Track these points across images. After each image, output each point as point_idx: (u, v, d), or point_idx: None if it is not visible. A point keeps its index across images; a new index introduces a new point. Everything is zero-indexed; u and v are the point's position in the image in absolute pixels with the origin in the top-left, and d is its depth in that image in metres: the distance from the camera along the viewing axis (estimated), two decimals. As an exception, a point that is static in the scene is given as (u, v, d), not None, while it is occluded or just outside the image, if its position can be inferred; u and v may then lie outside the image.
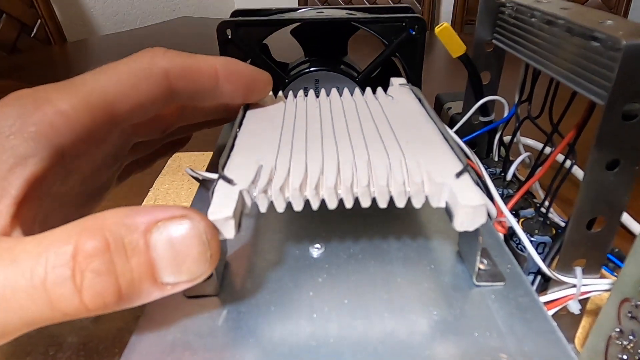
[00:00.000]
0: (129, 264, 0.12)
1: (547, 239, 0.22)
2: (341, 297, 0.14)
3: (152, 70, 0.16)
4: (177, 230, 0.12)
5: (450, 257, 0.16)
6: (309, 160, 0.15)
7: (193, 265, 0.12)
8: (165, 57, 0.16)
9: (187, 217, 0.12)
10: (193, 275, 0.12)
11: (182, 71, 0.17)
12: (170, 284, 0.12)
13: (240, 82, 0.19)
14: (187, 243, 0.12)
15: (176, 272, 0.12)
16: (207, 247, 0.12)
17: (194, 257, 0.12)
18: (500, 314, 0.13)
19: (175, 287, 0.12)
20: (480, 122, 0.29)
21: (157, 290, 0.12)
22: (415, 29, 0.27)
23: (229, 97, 0.19)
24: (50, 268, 0.11)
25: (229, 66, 0.18)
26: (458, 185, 0.13)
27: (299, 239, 0.17)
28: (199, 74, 0.17)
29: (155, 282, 0.12)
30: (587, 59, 0.17)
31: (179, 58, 0.17)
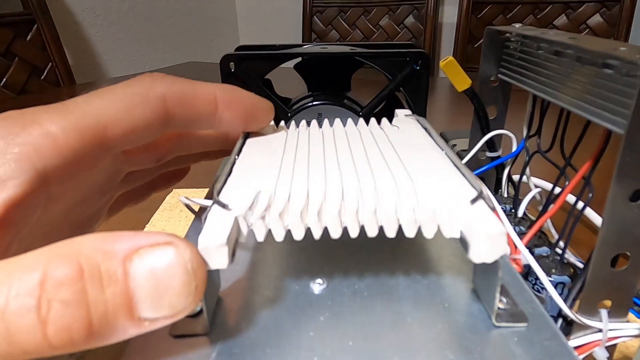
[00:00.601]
0: (103, 295, 0.10)
1: (566, 278, 0.20)
2: (345, 339, 0.13)
3: (148, 95, 0.15)
4: (159, 259, 0.11)
5: (464, 295, 0.14)
6: (310, 186, 0.14)
7: (175, 298, 0.11)
8: (163, 82, 0.16)
9: (171, 245, 0.11)
10: (174, 309, 0.11)
11: (180, 97, 0.16)
12: (148, 319, 0.11)
13: (240, 109, 0.18)
14: (169, 273, 0.11)
15: (156, 305, 0.11)
16: (192, 277, 0.11)
17: (176, 288, 0.11)
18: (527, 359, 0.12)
19: (154, 324, 0.11)
20: (487, 157, 0.28)
21: (132, 327, 0.11)
22: (419, 63, 0.27)
23: (228, 125, 0.18)
24: (13, 296, 0.10)
25: (229, 93, 0.18)
26: (474, 212, 0.12)
27: (299, 273, 0.16)
28: (197, 100, 0.17)
29: (131, 316, 0.11)
30: (600, 87, 0.17)
31: (177, 84, 0.16)
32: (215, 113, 0.17)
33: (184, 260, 0.11)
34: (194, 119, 0.17)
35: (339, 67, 0.30)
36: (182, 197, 0.17)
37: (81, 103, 0.14)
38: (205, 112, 0.17)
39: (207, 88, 0.17)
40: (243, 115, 0.18)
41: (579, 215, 0.20)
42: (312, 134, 0.19)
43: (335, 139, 0.18)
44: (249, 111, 0.18)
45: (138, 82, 0.16)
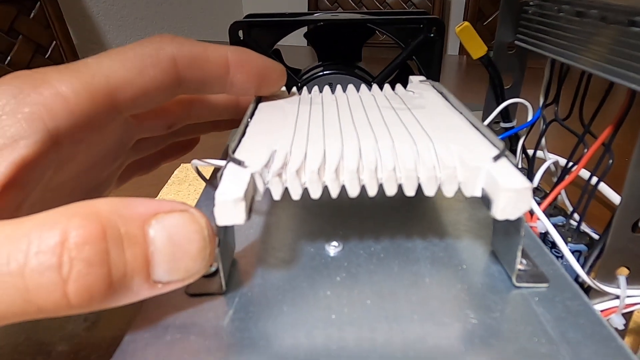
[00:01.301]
0: (123, 256, 0.10)
1: (583, 246, 0.20)
2: (363, 298, 0.12)
3: (159, 56, 0.15)
4: (177, 224, 0.11)
5: (483, 257, 0.14)
6: (327, 145, 0.14)
7: (191, 263, 0.11)
8: (173, 43, 0.16)
9: (187, 211, 0.11)
10: (188, 274, 0.11)
11: (191, 58, 0.16)
12: (162, 282, 0.11)
13: (252, 72, 0.18)
14: (188, 238, 0.11)
15: (172, 268, 0.11)
16: (208, 243, 0.11)
17: (193, 253, 0.11)
18: (548, 319, 0.12)
19: (167, 287, 0.11)
20: (501, 128, 0.28)
21: (147, 289, 0.11)
22: (434, 30, 0.27)
23: (240, 89, 0.18)
24: (33, 254, 0.10)
25: (241, 55, 0.17)
26: (497, 169, 0.12)
27: (314, 236, 0.15)
28: (208, 61, 0.16)
29: (147, 278, 0.11)
30: (626, 46, 0.16)
31: (188, 45, 0.16)
32: (227, 75, 0.17)
33: (200, 226, 0.11)
34: (205, 81, 0.17)
35: (350, 36, 0.30)
36: (194, 160, 0.17)
37: (91, 64, 0.14)
38: (217, 73, 0.17)
39: (218, 50, 0.17)
40: (255, 78, 0.18)
41: (597, 183, 0.19)
42: (326, 97, 0.19)
43: (349, 101, 0.18)
44: (261, 73, 0.18)
45: (148, 43, 0.15)
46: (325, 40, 0.30)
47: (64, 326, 0.19)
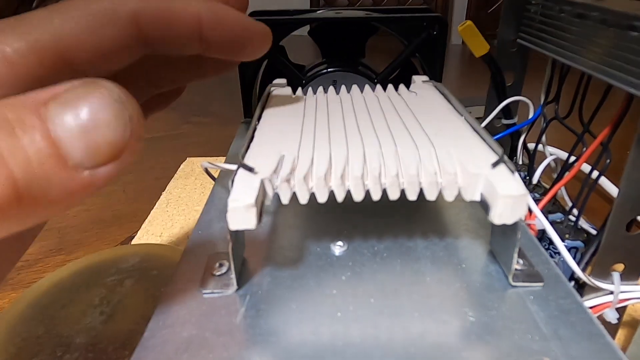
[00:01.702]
0: (19, 143, 0.09)
1: (580, 243, 0.21)
2: (367, 296, 0.13)
3: (116, 12, 0.13)
4: (79, 95, 0.10)
5: (481, 257, 0.15)
6: (333, 150, 0.14)
7: (110, 133, 0.10)
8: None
9: (91, 82, 0.10)
10: (114, 147, 0.10)
11: (155, 16, 0.14)
12: (86, 167, 0.10)
13: (229, 32, 0.15)
14: (95, 106, 0.09)
15: (90, 146, 0.09)
16: (124, 105, 0.10)
17: (108, 120, 0.09)
18: (541, 316, 0.12)
19: (97, 173, 0.10)
20: (502, 125, 0.28)
21: (71, 178, 0.10)
22: (436, 28, 0.27)
23: (217, 51, 0.15)
24: None
25: (216, 12, 0.15)
26: (495, 176, 0.12)
27: (320, 236, 0.16)
28: (176, 19, 0.14)
29: (64, 165, 0.09)
30: (624, 50, 0.16)
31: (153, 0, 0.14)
32: (199, 36, 0.15)
33: (108, 90, 0.10)
34: (173, 42, 0.14)
35: (353, 33, 0.30)
36: (204, 162, 0.17)
37: (39, 20, 0.12)
38: (187, 34, 0.14)
39: (189, 5, 0.14)
40: (234, 39, 0.15)
41: (596, 181, 0.20)
42: (330, 99, 0.19)
43: (353, 104, 0.18)
44: (241, 35, 0.15)
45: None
46: (329, 37, 0.30)
47: (82, 319, 0.20)
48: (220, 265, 0.14)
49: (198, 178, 0.39)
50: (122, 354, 0.18)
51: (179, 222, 0.32)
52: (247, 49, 0.16)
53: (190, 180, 0.39)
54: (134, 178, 0.42)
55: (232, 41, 0.15)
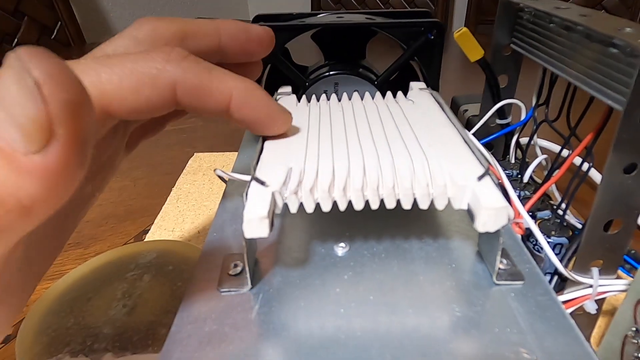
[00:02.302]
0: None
1: (564, 240, 0.22)
2: (367, 294, 0.15)
3: (159, 78, 0.14)
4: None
5: (470, 257, 0.17)
6: (335, 162, 0.16)
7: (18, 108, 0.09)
8: (178, 67, 0.14)
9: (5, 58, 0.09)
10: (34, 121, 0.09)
11: (192, 87, 0.15)
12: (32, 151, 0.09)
13: (251, 115, 0.16)
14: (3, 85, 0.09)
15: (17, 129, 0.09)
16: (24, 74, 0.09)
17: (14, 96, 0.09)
18: (520, 312, 0.14)
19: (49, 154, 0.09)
20: (497, 124, 0.29)
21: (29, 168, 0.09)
22: (434, 33, 0.28)
23: (237, 123, 0.17)
24: None
25: (246, 97, 0.16)
26: (480, 188, 0.14)
27: (324, 237, 0.18)
28: (210, 95, 0.15)
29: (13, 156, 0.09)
30: (605, 65, 0.18)
31: (193, 72, 0.15)
32: (227, 113, 0.16)
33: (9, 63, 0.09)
34: (203, 109, 0.16)
35: (354, 36, 0.31)
36: (218, 170, 0.19)
37: (89, 71, 0.13)
38: (216, 106, 0.16)
39: (224, 83, 0.15)
40: (253, 121, 0.17)
41: (580, 182, 0.21)
42: (333, 109, 0.21)
43: (354, 114, 0.20)
44: (261, 119, 0.17)
45: (153, 56, 0.14)
46: (331, 41, 0.31)
47: (107, 312, 0.21)
48: (235, 265, 0.16)
49: (206, 174, 0.40)
50: (146, 343, 0.20)
51: (190, 217, 0.34)
52: (267, 129, 0.17)
53: (198, 175, 0.40)
54: (143, 173, 0.44)
55: (253, 121, 0.17)
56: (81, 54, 0.16)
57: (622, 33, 0.17)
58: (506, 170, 0.29)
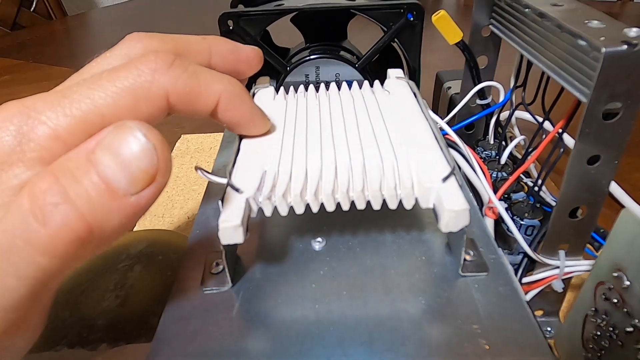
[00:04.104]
0: (82, 186, 0.12)
1: (536, 222, 0.23)
2: (340, 289, 0.16)
3: (151, 90, 0.14)
4: (114, 138, 0.12)
5: (440, 249, 0.17)
6: (309, 165, 0.16)
7: (141, 162, 0.12)
8: (167, 76, 0.15)
9: (120, 125, 0.12)
10: (147, 174, 0.12)
11: (183, 93, 0.15)
12: (132, 193, 0.12)
13: (237, 115, 0.17)
14: (123, 143, 0.12)
15: (130, 177, 0.12)
16: (146, 138, 0.12)
17: (138, 154, 0.12)
18: (482, 303, 0.15)
19: (141, 196, 0.12)
20: (477, 105, 0.30)
21: (122, 205, 0.12)
22: (414, 15, 0.28)
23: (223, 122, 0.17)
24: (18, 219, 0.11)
25: (232, 98, 0.17)
26: (444, 189, 0.15)
27: (302, 232, 0.19)
28: (199, 98, 0.16)
29: (115, 195, 0.12)
30: (574, 56, 0.18)
31: (182, 79, 0.15)
32: (215, 112, 0.17)
33: (134, 130, 0.12)
34: (193, 112, 0.16)
35: (334, 18, 0.31)
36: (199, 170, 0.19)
37: (85, 100, 0.14)
38: (205, 108, 0.16)
39: (212, 85, 0.16)
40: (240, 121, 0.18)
41: (550, 169, 0.22)
42: (310, 106, 0.21)
43: (330, 111, 0.20)
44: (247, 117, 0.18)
45: (141, 71, 0.14)
46: (311, 24, 0.31)
47: (101, 303, 0.22)
48: (217, 264, 0.17)
49: (194, 157, 0.41)
50: (139, 333, 0.21)
51: (179, 203, 0.35)
52: (247, 131, 0.18)
53: (186, 159, 0.41)
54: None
55: (237, 122, 0.18)
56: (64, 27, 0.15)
57: (589, 27, 0.17)
58: (485, 150, 0.29)
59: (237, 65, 0.19)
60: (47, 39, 0.88)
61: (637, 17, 0.86)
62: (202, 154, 0.41)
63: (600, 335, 0.18)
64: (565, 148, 0.21)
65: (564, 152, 0.21)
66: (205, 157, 0.41)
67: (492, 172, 0.27)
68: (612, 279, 0.17)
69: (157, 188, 0.13)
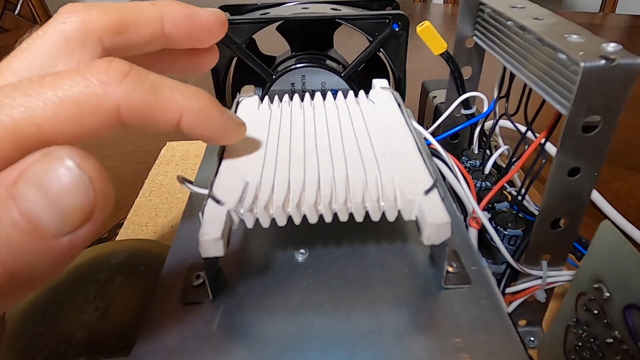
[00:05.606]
0: (0, 226, 0.10)
1: (519, 232, 0.23)
2: (323, 302, 0.16)
3: (100, 104, 0.12)
4: (40, 169, 0.10)
5: (423, 261, 0.17)
6: (291, 176, 0.16)
7: (72, 199, 0.10)
8: (120, 89, 0.13)
9: (48, 154, 0.10)
10: (82, 211, 0.10)
11: (138, 112, 0.13)
12: (64, 233, 0.10)
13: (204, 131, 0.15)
14: (50, 176, 0.10)
15: (60, 214, 0.10)
16: (79, 171, 0.10)
17: (69, 188, 0.10)
18: (464, 316, 0.15)
19: (75, 236, 0.10)
20: (462, 114, 0.30)
21: (52, 247, 0.10)
22: (399, 25, 0.28)
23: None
24: None
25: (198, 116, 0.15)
26: (426, 202, 0.15)
27: (286, 243, 0.18)
28: (156, 118, 0.14)
29: (43, 236, 0.10)
30: (554, 69, 0.18)
31: (137, 94, 0.13)
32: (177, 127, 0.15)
33: (60, 158, 0.10)
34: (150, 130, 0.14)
35: (320, 27, 0.31)
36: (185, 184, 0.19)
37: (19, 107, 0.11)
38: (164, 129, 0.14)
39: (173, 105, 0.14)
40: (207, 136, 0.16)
41: (533, 179, 0.22)
42: (294, 117, 0.21)
43: (315, 121, 0.20)
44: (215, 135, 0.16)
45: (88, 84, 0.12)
46: (296, 32, 0.31)
47: (79, 315, 0.22)
48: (197, 276, 0.17)
49: (179, 164, 0.40)
50: (119, 347, 0.20)
51: (163, 211, 0.34)
52: (219, 142, 0.17)
53: (171, 166, 0.40)
54: (116, 164, 0.44)
55: (205, 137, 0.16)
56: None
57: (568, 41, 0.17)
58: (470, 160, 0.30)
59: (195, 32, 0.17)
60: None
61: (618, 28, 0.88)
62: (188, 161, 0.41)
63: (581, 346, 0.18)
64: (547, 158, 0.22)
65: (546, 162, 0.22)
66: (191, 165, 0.40)
67: (477, 181, 0.27)
68: (592, 290, 0.17)
69: (95, 226, 0.11)
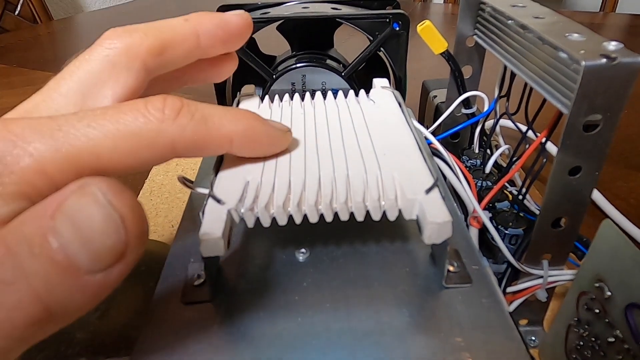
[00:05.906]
0: (39, 261, 0.10)
1: (520, 231, 0.23)
2: (324, 301, 0.16)
3: (156, 140, 0.13)
4: (76, 206, 0.10)
5: (424, 260, 0.17)
6: (292, 176, 0.16)
7: (105, 239, 0.10)
8: (175, 125, 0.13)
9: (83, 189, 0.10)
10: (113, 251, 0.10)
11: (191, 144, 0.14)
12: (97, 271, 0.10)
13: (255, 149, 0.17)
14: (85, 214, 0.10)
15: (93, 254, 0.10)
16: (114, 208, 0.10)
17: (100, 228, 0.10)
18: (465, 315, 0.15)
19: (109, 273, 0.10)
20: (462, 114, 0.30)
21: (86, 284, 0.10)
22: (400, 24, 0.28)
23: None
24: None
25: (246, 137, 0.16)
26: (427, 201, 0.15)
27: (286, 243, 0.18)
28: (209, 147, 0.15)
29: (77, 274, 0.10)
30: (555, 68, 0.18)
31: (190, 128, 0.14)
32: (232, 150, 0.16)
33: (93, 195, 0.10)
34: (205, 156, 0.16)
35: (321, 27, 0.31)
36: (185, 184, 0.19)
37: (81, 137, 0.12)
38: (217, 153, 0.16)
39: (223, 132, 0.15)
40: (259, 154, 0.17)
41: (534, 178, 0.22)
42: (294, 115, 0.21)
43: (315, 121, 0.20)
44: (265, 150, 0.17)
45: (146, 121, 0.13)
46: (297, 32, 0.31)
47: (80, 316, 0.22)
48: (198, 276, 0.17)
49: (179, 164, 0.40)
50: (118, 347, 0.20)
51: (163, 211, 0.34)
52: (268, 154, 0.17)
53: (171, 166, 0.40)
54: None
55: (256, 153, 0.17)
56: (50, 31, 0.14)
57: (569, 40, 0.17)
58: (470, 159, 0.30)
59: (228, 39, 0.18)
60: (31, 43, 0.87)
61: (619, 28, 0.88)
62: (188, 161, 0.41)
63: (583, 345, 0.18)
64: (548, 157, 0.22)
65: (547, 161, 0.22)
66: (191, 165, 0.40)
67: (477, 181, 0.27)
68: (594, 290, 0.17)
69: (128, 264, 0.11)
